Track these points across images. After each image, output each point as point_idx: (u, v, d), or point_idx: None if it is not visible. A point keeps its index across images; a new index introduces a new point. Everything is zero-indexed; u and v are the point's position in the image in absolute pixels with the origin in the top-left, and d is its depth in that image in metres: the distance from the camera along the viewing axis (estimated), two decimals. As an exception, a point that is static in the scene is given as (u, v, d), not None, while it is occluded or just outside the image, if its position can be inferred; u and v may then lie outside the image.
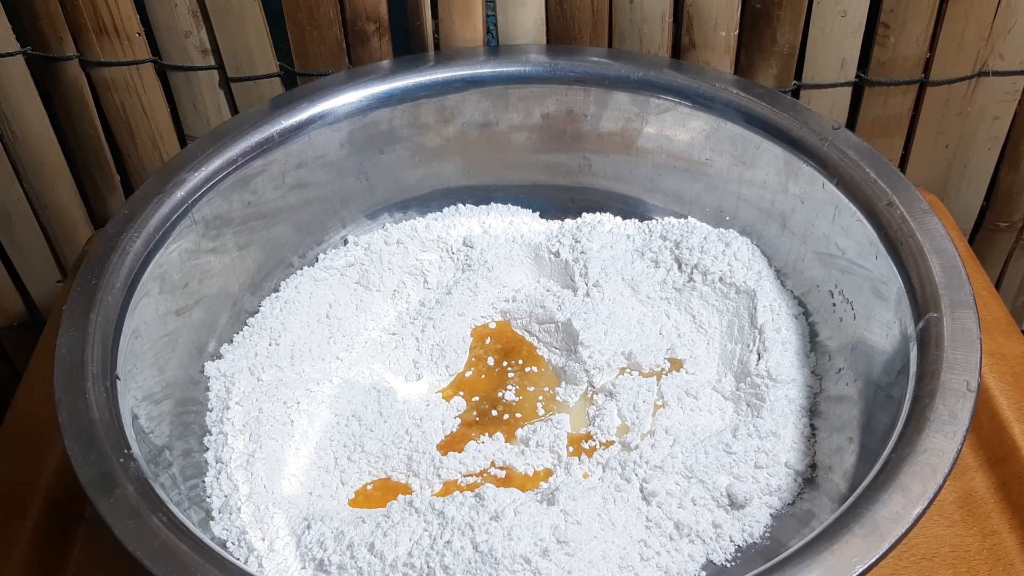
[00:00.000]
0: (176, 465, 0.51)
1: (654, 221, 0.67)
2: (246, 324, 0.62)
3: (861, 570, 0.39)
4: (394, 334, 0.62)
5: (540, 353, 0.61)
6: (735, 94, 0.62)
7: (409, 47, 0.69)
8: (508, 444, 0.56)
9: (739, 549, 0.50)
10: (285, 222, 0.64)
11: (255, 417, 0.55)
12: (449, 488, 0.53)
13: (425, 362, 0.60)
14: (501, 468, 0.55)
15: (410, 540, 0.47)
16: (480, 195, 0.70)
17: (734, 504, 0.51)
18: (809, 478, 0.53)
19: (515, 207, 0.70)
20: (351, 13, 0.66)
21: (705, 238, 0.63)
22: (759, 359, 0.57)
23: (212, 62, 0.69)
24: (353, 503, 0.53)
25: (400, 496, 0.51)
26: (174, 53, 0.69)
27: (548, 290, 0.64)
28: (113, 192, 0.77)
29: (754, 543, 0.50)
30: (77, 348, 0.48)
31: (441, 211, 0.69)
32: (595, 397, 0.58)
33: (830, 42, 0.67)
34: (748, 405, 0.56)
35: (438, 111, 0.66)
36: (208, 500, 0.52)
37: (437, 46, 0.68)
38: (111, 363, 0.48)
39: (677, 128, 0.65)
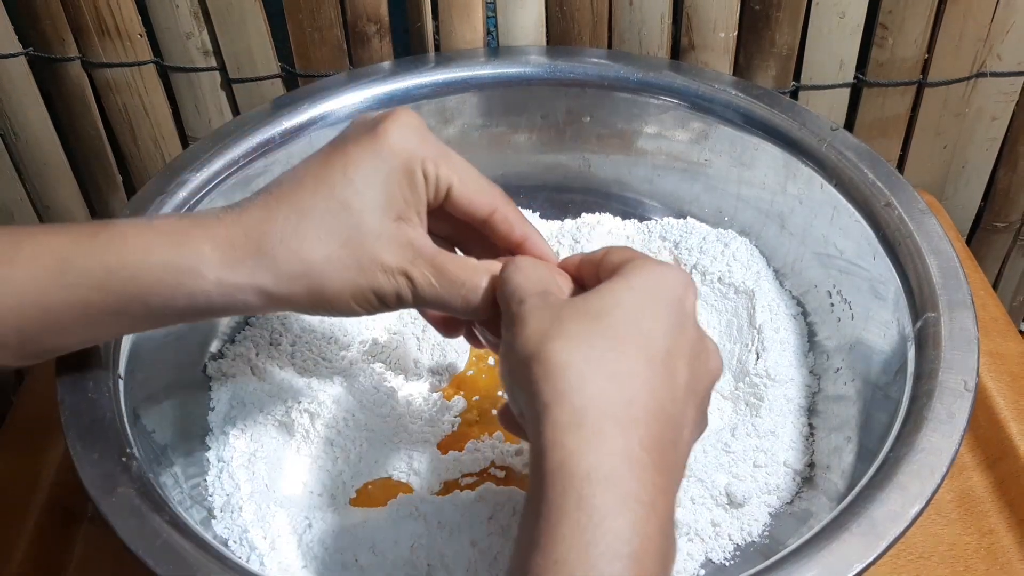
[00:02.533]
0: (178, 464, 0.51)
1: (653, 221, 0.67)
2: (247, 324, 0.62)
3: (859, 569, 0.39)
4: (395, 333, 0.62)
5: (540, 353, 0.61)
6: (734, 95, 0.62)
7: (409, 48, 0.69)
8: (508, 443, 0.56)
9: (738, 548, 0.50)
10: (286, 222, 0.64)
11: (256, 416, 0.55)
12: (449, 487, 0.54)
13: (426, 361, 0.60)
14: (501, 468, 0.55)
15: (410, 539, 0.47)
16: (480, 195, 0.70)
17: (733, 503, 0.51)
18: (807, 477, 0.53)
19: (515, 207, 0.70)
20: (352, 14, 0.67)
21: (704, 238, 0.64)
22: (758, 359, 0.57)
23: (214, 63, 0.70)
24: (354, 502, 0.53)
25: (400, 495, 0.51)
26: (176, 54, 0.69)
27: (548, 290, 0.64)
28: (115, 193, 0.77)
29: (753, 542, 0.50)
30: (79, 348, 0.48)
31: (441, 211, 0.69)
32: (595, 397, 0.58)
33: (828, 43, 0.67)
34: (747, 404, 0.56)
35: (438, 112, 0.66)
36: (210, 499, 0.52)
37: (437, 47, 0.69)
38: (112, 363, 0.48)
39: (676, 129, 0.65)
